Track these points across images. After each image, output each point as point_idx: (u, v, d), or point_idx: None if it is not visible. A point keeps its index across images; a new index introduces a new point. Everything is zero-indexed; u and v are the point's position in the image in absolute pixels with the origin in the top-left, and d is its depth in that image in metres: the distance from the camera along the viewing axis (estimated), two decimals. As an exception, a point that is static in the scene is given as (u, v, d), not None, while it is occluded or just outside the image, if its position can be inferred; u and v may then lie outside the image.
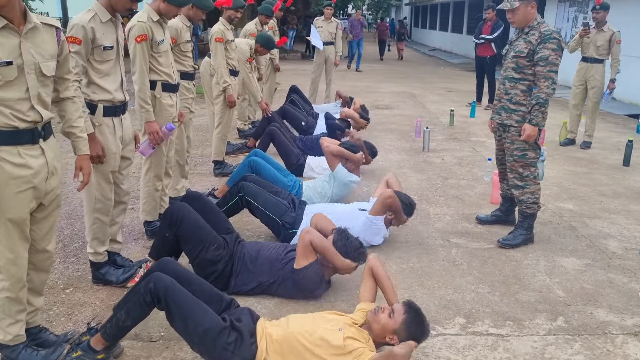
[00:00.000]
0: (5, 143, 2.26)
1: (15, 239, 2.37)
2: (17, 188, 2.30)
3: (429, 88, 13.13)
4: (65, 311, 3.14)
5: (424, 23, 33.83)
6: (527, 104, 3.91)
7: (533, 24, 3.90)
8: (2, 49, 2.19)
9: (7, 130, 2.26)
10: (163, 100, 3.85)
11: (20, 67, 2.25)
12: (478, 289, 3.42)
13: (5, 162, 2.26)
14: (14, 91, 2.26)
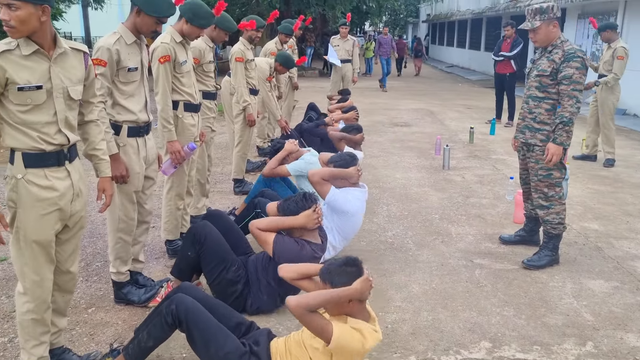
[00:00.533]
0: (32, 165, 2.30)
1: (41, 261, 2.39)
2: (43, 210, 2.32)
3: (448, 105, 13.09)
4: (87, 331, 3.14)
5: (441, 40, 33.84)
6: (552, 122, 3.86)
7: (556, 42, 3.86)
8: (32, 73, 2.23)
9: (34, 153, 2.29)
10: (185, 120, 3.88)
11: (49, 91, 2.29)
12: (503, 311, 3.35)
13: (32, 184, 2.29)
14: (42, 115, 2.29)
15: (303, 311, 2.26)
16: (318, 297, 2.30)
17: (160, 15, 3.09)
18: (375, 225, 4.85)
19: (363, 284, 2.33)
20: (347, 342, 2.27)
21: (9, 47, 2.20)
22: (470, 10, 24.60)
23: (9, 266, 3.99)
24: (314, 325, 2.29)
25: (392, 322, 3.23)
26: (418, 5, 39.34)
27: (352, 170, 4.04)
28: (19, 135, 2.28)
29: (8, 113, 2.25)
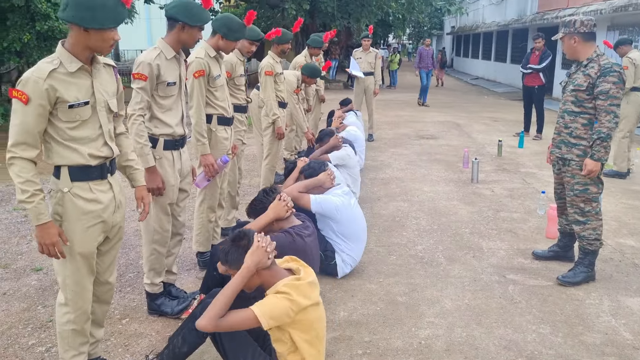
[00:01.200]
0: (78, 179, 2.35)
1: (84, 273, 2.43)
2: (88, 223, 2.37)
3: (474, 117, 12.99)
4: (122, 342, 3.17)
5: (465, 52, 33.68)
6: (588, 137, 3.81)
7: (592, 56, 3.82)
8: (79, 90, 2.30)
9: (79, 167, 2.35)
10: (218, 133, 3.92)
11: (93, 106, 2.35)
12: (539, 329, 3.28)
13: (78, 197, 2.35)
14: (89, 129, 2.36)
15: (215, 322, 2.25)
16: (218, 300, 2.29)
17: (203, 23, 3.18)
18: (405, 239, 4.82)
19: (254, 254, 2.33)
20: (276, 311, 2.26)
21: (54, 65, 2.26)
22: (496, 22, 24.46)
23: (44, 276, 4.07)
24: (235, 324, 2.28)
25: (426, 337, 3.19)
26: (442, 17, 39.25)
27: (322, 176, 4.14)
28: (66, 152, 2.34)
29: (57, 131, 2.31)
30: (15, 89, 2.20)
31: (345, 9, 19.96)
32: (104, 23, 2.27)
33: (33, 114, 2.22)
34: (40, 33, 11.04)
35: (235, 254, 2.39)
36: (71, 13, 2.24)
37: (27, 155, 2.24)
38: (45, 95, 2.22)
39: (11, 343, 3.16)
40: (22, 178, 2.22)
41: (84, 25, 2.25)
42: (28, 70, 2.24)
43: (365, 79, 9.74)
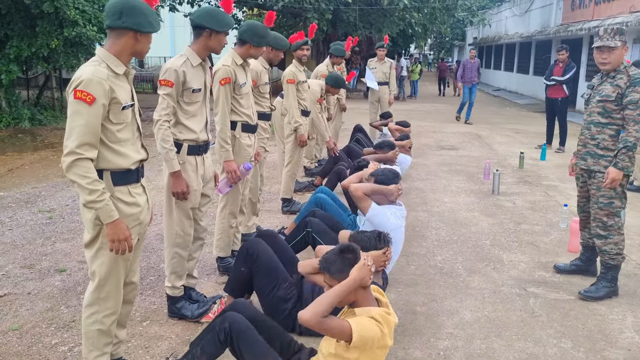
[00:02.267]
0: (119, 183, 2.44)
1: (121, 274, 2.51)
2: (129, 225, 2.44)
3: (495, 129, 12.90)
4: (143, 344, 3.21)
5: (487, 63, 33.50)
6: (616, 149, 3.77)
7: (619, 67, 3.80)
8: (127, 92, 2.41)
9: (121, 171, 2.43)
10: (242, 140, 3.97)
11: (132, 110, 2.43)
12: (561, 343, 3.25)
13: (120, 201, 2.42)
14: (129, 132, 2.46)
15: (319, 319, 2.25)
16: (325, 300, 2.29)
17: (229, 28, 3.27)
18: (425, 249, 4.80)
19: (361, 270, 2.32)
20: (366, 332, 2.24)
21: (104, 68, 2.36)
22: (519, 33, 24.31)
23: (68, 277, 4.14)
24: (332, 328, 2.27)
25: (445, 349, 3.18)
26: (465, 28, 39.13)
27: (393, 188, 4.01)
28: (112, 156, 2.40)
29: (106, 133, 2.38)
30: (80, 90, 2.26)
31: (367, 19, 20.02)
32: (154, 27, 2.44)
33: (97, 115, 2.29)
34: (68, 39, 11.27)
35: (340, 264, 2.38)
36: (130, 20, 2.36)
37: (91, 156, 2.31)
38: (108, 96, 2.31)
39: (35, 342, 3.22)
40: (89, 178, 2.29)
41: (141, 30, 2.37)
42: (83, 73, 2.30)
43: (380, 88, 9.73)
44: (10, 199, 6.32)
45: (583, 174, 4.06)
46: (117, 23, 2.36)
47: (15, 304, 3.70)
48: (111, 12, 2.36)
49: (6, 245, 4.79)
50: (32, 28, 11.38)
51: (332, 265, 2.41)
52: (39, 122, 12.29)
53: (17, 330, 3.35)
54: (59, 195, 6.53)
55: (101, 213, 2.34)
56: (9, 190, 6.75)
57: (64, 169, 2.33)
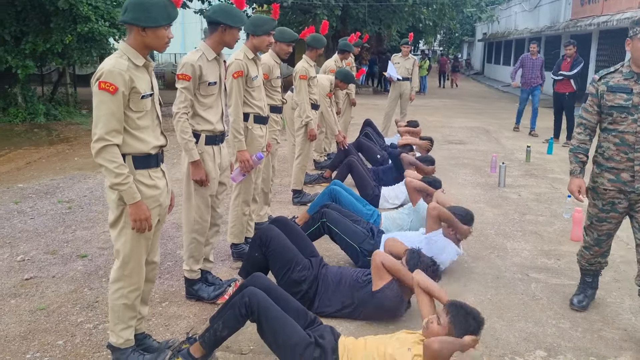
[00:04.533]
0: (140, 167, 2.62)
1: (143, 252, 2.70)
2: (149, 207, 2.63)
3: (504, 124, 12.99)
4: (162, 322, 3.41)
5: (497, 59, 33.46)
6: None
7: None
8: (146, 83, 2.59)
9: (141, 156, 2.61)
10: (254, 131, 4.15)
11: (152, 98, 2.61)
12: (559, 323, 3.40)
13: (140, 184, 2.61)
14: (148, 120, 2.64)
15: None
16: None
17: (243, 24, 3.46)
18: (431, 238, 4.95)
19: (472, 342, 2.39)
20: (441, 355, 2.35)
21: (125, 60, 2.54)
22: (528, 29, 24.31)
23: (89, 262, 4.34)
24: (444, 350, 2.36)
25: (448, 328, 3.34)
26: (474, 24, 39.07)
27: (466, 230, 4.14)
28: (133, 141, 2.59)
29: (127, 120, 2.56)
30: (103, 81, 2.45)
31: (376, 15, 20.14)
32: (158, 21, 2.55)
33: (119, 103, 2.48)
34: (81, 35, 11.50)
35: (460, 320, 2.54)
36: (130, 15, 2.52)
37: (117, 141, 2.50)
38: (128, 86, 2.50)
39: (62, 320, 3.42)
40: (116, 163, 2.49)
41: (141, 25, 2.52)
42: (105, 65, 2.49)
43: (401, 84, 9.92)
44: (31, 190, 6.55)
45: (620, 197, 3.35)
46: (122, 18, 2.56)
47: (41, 286, 3.90)
48: (122, 8, 2.56)
49: (29, 233, 5.00)
50: (47, 24, 11.62)
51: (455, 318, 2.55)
52: (53, 117, 12.55)
53: (44, 309, 3.56)
54: (77, 187, 6.75)
55: (125, 195, 2.53)
56: (28, 182, 6.97)
57: (93, 154, 2.51)
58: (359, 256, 4.10)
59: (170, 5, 2.62)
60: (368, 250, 4.09)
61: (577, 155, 3.46)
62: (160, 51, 2.69)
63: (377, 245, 4.14)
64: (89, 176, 7.30)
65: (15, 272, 4.14)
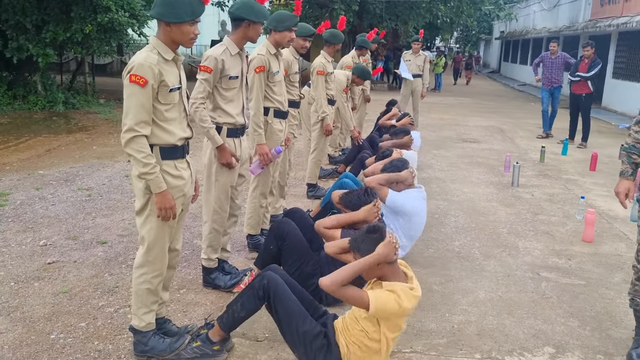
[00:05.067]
0: (167, 158, 2.72)
1: (166, 239, 2.80)
2: (174, 196, 2.73)
3: (519, 123, 12.98)
4: (181, 308, 3.52)
5: (514, 57, 33.25)
6: None
7: None
8: (174, 76, 2.68)
9: (168, 147, 2.71)
10: (274, 125, 4.23)
11: (180, 92, 2.71)
12: (568, 322, 3.47)
13: (166, 174, 2.71)
14: (176, 112, 2.74)
15: (337, 287, 2.50)
16: (347, 270, 2.53)
17: (265, 18, 3.54)
18: (443, 235, 5.03)
19: (385, 247, 2.55)
20: (384, 305, 2.47)
21: (155, 54, 2.63)
22: (547, 28, 24.14)
23: (109, 248, 4.47)
24: (350, 297, 2.52)
25: (458, 322, 3.42)
26: (491, 22, 38.81)
27: (405, 173, 4.30)
28: (160, 133, 2.69)
29: (155, 112, 2.66)
30: (134, 74, 2.54)
31: (393, 11, 20.12)
32: (182, 17, 2.63)
33: (148, 95, 2.58)
34: (101, 25, 11.64)
35: (368, 244, 2.63)
36: (156, 10, 2.62)
37: (146, 132, 2.60)
38: (157, 79, 2.59)
39: (84, 303, 3.54)
40: (144, 153, 2.59)
41: (165, 20, 2.61)
42: (136, 59, 2.58)
43: (413, 81, 9.99)
44: (51, 177, 6.70)
45: None
46: (150, 12, 2.67)
47: (63, 271, 4.03)
48: (153, 3, 2.65)
49: (51, 219, 5.14)
50: (68, 14, 11.78)
51: (361, 244, 2.66)
52: (72, 106, 12.72)
53: (66, 292, 3.68)
54: (96, 175, 6.89)
55: (151, 184, 2.63)
56: (48, 169, 7.12)
57: (122, 144, 2.61)
58: None
59: (196, 2, 2.69)
60: None
61: (630, 155, 3.16)
62: (186, 46, 2.77)
63: None
64: (107, 165, 7.44)
65: (38, 256, 4.27)
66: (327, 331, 2.73)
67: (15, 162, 7.51)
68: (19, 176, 6.66)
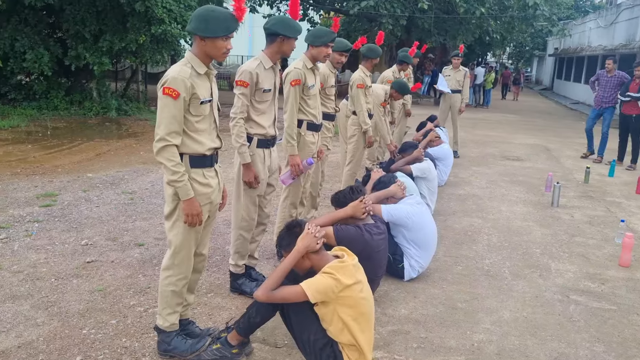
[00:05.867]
0: (196, 166, 2.86)
1: (192, 244, 2.93)
2: (201, 203, 2.86)
3: (567, 142, 12.67)
4: (206, 312, 3.64)
5: (567, 75, 32.39)
6: None
7: None
8: (206, 89, 2.83)
9: (197, 156, 2.85)
10: (306, 137, 4.33)
11: (211, 104, 2.84)
12: (593, 346, 3.39)
13: (195, 181, 2.85)
14: (206, 123, 2.88)
15: (269, 293, 2.68)
16: (275, 273, 2.75)
17: (299, 34, 3.65)
18: (474, 253, 4.99)
19: (304, 238, 2.73)
20: (318, 285, 2.60)
21: (189, 68, 2.77)
22: (602, 46, 23.46)
23: (145, 250, 4.66)
24: (287, 296, 2.67)
25: (479, 341, 3.40)
26: (546, 38, 37.96)
27: (393, 188, 4.45)
28: (190, 142, 2.82)
29: (186, 123, 2.80)
30: (167, 86, 2.69)
31: (442, 26, 20.03)
32: (216, 32, 2.76)
33: (180, 107, 2.72)
34: (154, 36, 12.14)
35: (288, 239, 2.84)
36: (192, 25, 2.76)
37: (177, 142, 2.75)
38: (189, 92, 2.74)
39: (116, 301, 3.72)
40: (174, 161, 2.74)
41: (200, 35, 2.75)
42: (170, 72, 2.73)
43: (451, 96, 9.95)
44: (98, 180, 7.02)
45: None
46: (187, 28, 2.80)
47: (100, 270, 4.23)
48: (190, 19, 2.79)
49: (94, 220, 5.40)
50: (124, 24, 12.35)
51: (282, 241, 2.87)
52: (124, 113, 13.27)
53: (101, 291, 3.87)
54: (140, 179, 7.17)
55: (180, 191, 2.76)
56: (97, 172, 7.46)
57: (154, 152, 2.76)
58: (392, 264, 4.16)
59: (231, 19, 2.82)
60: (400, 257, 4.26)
61: None
62: (219, 60, 2.91)
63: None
64: (151, 170, 7.73)
65: (79, 255, 4.50)
66: (333, 341, 2.78)
67: (67, 164, 7.90)
68: (69, 178, 7.01)
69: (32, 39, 11.96)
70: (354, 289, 2.68)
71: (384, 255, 3.76)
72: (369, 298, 2.82)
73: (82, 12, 12.04)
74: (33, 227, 5.09)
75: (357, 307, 2.69)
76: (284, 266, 2.76)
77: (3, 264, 4.24)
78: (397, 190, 4.43)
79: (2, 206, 5.68)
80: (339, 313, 2.67)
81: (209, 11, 2.77)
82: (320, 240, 2.79)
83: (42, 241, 4.76)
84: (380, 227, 3.72)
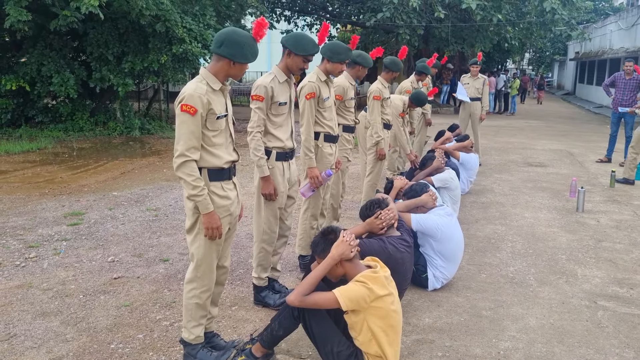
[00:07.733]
0: (214, 179, 2.91)
1: (214, 257, 2.98)
2: (220, 215, 2.92)
3: (591, 147, 12.48)
4: (231, 324, 3.68)
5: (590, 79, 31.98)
6: None
7: None
8: (221, 104, 2.89)
9: (215, 170, 2.91)
10: (324, 149, 4.37)
11: (226, 119, 2.90)
12: (623, 352, 3.33)
13: (214, 194, 2.90)
14: (222, 137, 2.94)
15: (302, 298, 2.70)
16: (308, 279, 2.77)
17: (306, 54, 3.65)
18: (498, 260, 4.94)
19: (339, 246, 2.74)
20: (350, 293, 2.62)
21: (204, 85, 2.84)
22: (624, 48, 23.13)
23: (170, 266, 4.72)
24: (319, 302, 2.70)
25: (505, 349, 3.36)
26: (566, 42, 37.57)
27: (424, 197, 4.43)
28: (208, 157, 2.89)
29: (204, 138, 2.87)
30: (185, 103, 2.76)
31: (459, 34, 19.98)
32: (248, 59, 2.87)
33: (198, 123, 2.79)
34: (175, 55, 12.37)
35: (323, 245, 2.86)
36: (226, 50, 2.82)
37: (196, 157, 2.81)
38: (206, 107, 2.80)
39: (143, 316, 3.78)
40: (194, 176, 2.80)
41: (235, 60, 2.83)
42: (187, 89, 2.80)
43: (471, 104, 9.89)
44: (123, 198, 7.15)
45: None
46: (217, 50, 2.84)
47: (127, 285, 4.31)
48: (216, 40, 2.85)
49: (120, 237, 5.50)
50: (145, 45, 12.63)
51: (317, 247, 2.88)
52: (147, 132, 13.51)
53: (128, 306, 3.93)
54: (164, 196, 7.28)
55: (200, 205, 2.82)
56: (122, 190, 7.60)
57: (174, 168, 2.83)
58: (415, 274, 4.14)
59: (255, 44, 2.92)
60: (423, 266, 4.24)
61: None
62: (236, 79, 2.99)
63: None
64: (174, 187, 7.84)
65: (106, 272, 4.59)
66: (358, 351, 2.78)
67: (93, 183, 8.07)
68: (95, 197, 7.15)
69: (58, 63, 12.29)
70: (386, 300, 2.69)
71: (409, 268, 3.75)
72: (399, 312, 2.82)
73: (105, 35, 12.35)
74: (61, 246, 5.21)
75: (387, 319, 2.70)
76: (317, 272, 2.78)
77: (33, 282, 4.35)
78: (428, 200, 4.41)
79: (31, 226, 5.83)
80: (369, 323, 2.68)
81: (241, 37, 2.84)
82: (354, 249, 2.81)
83: (70, 259, 4.87)
84: (406, 240, 3.69)
